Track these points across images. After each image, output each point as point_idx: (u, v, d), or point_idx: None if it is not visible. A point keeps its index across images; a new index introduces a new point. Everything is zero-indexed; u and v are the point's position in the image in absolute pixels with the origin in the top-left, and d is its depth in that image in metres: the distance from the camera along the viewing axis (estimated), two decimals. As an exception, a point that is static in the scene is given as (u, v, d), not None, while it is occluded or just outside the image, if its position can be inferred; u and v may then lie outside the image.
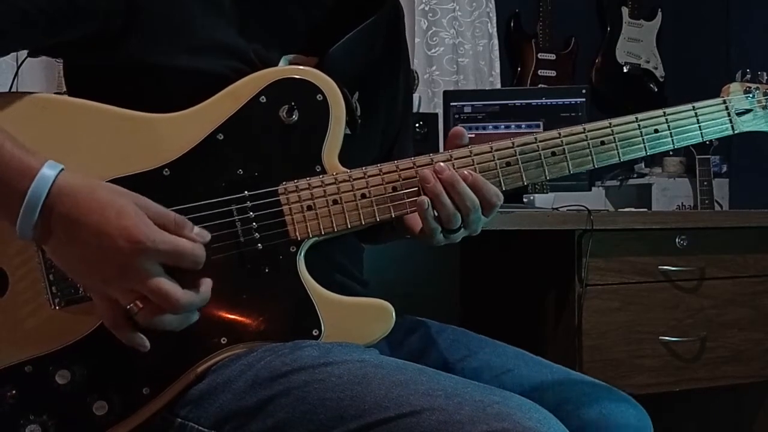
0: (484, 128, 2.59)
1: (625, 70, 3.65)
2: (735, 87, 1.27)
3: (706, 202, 2.90)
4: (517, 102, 2.64)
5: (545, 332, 2.33)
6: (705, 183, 2.90)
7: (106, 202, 0.98)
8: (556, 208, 2.31)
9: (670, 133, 1.21)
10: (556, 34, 3.49)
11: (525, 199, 2.45)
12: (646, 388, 2.29)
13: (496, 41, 3.32)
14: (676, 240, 2.33)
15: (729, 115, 1.25)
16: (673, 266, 2.33)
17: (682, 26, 3.79)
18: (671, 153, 3.31)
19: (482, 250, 2.63)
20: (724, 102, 1.25)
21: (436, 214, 1.13)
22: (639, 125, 1.20)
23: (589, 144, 1.18)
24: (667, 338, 2.31)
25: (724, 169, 3.37)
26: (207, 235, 1.04)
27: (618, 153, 1.19)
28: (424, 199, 1.12)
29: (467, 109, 2.62)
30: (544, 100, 2.63)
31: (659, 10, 3.74)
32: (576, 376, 1.26)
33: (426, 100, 3.12)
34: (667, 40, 3.75)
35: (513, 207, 2.23)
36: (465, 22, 3.24)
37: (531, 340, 2.36)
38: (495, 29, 3.32)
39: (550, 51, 3.47)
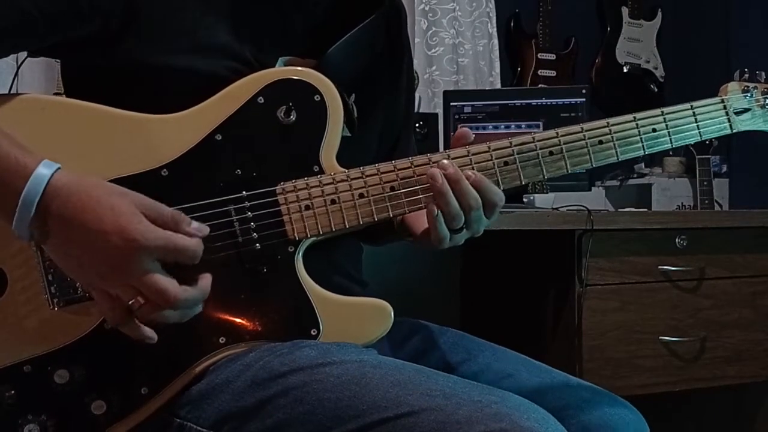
0: (484, 128, 2.60)
1: (625, 70, 3.64)
2: (733, 86, 1.27)
3: (706, 202, 2.90)
4: (517, 102, 2.64)
5: (545, 332, 2.33)
6: (705, 183, 2.90)
7: (100, 200, 0.97)
8: (556, 208, 2.31)
9: (668, 132, 1.21)
10: (556, 34, 3.49)
11: (525, 199, 2.45)
12: (646, 388, 2.29)
13: (496, 41, 3.32)
14: (676, 240, 2.33)
15: (727, 114, 1.25)
16: (673, 266, 2.32)
17: (682, 26, 3.79)
18: (671, 153, 3.30)
19: (482, 250, 2.63)
20: (722, 101, 1.25)
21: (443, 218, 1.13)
22: (637, 124, 1.20)
23: (587, 143, 1.18)
24: (667, 338, 2.31)
25: (724, 169, 3.37)
26: (206, 229, 1.03)
27: (616, 152, 1.19)
28: (433, 207, 1.12)
29: (467, 109, 2.62)
30: (544, 100, 2.63)
31: (659, 10, 3.74)
32: (576, 382, 1.26)
33: (426, 100, 3.13)
34: (667, 40, 3.75)
35: (513, 207, 2.23)
36: (465, 22, 3.24)
37: (531, 340, 2.36)
38: (495, 29, 3.32)
39: (550, 51, 3.47)
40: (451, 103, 2.64)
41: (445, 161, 1.13)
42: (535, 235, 2.21)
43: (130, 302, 0.98)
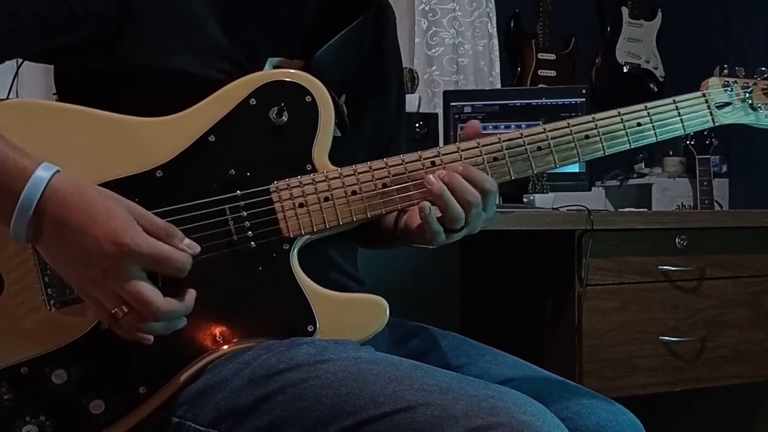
0: (484, 128, 2.58)
1: (625, 70, 3.65)
2: (714, 81, 1.29)
3: (706, 202, 2.90)
4: (517, 102, 2.64)
5: (545, 332, 2.32)
6: (705, 183, 2.90)
7: (95, 203, 0.98)
8: (556, 208, 2.31)
9: (653, 126, 1.23)
10: (556, 34, 3.50)
11: (525, 199, 2.45)
12: (646, 388, 2.29)
13: (496, 41, 3.33)
14: (676, 240, 2.33)
15: (709, 108, 1.26)
16: (673, 266, 2.32)
17: (682, 26, 3.79)
18: (670, 153, 3.31)
19: (482, 250, 2.63)
20: (704, 95, 1.27)
21: (438, 215, 1.13)
22: (622, 119, 1.21)
23: (573, 138, 1.20)
24: (667, 338, 2.31)
25: (724, 169, 3.37)
26: (197, 248, 1.04)
27: (602, 147, 1.20)
28: (425, 204, 1.12)
29: (467, 109, 2.62)
30: (544, 100, 2.63)
31: (659, 10, 3.74)
32: (574, 387, 1.26)
33: (426, 100, 3.13)
34: (667, 40, 3.75)
35: (513, 207, 2.24)
36: (465, 22, 3.25)
37: (531, 340, 2.36)
38: (495, 29, 3.32)
39: (550, 51, 3.47)
40: (451, 103, 2.64)
41: (441, 171, 1.13)
42: (535, 235, 2.21)
43: (113, 311, 0.98)
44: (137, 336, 1.01)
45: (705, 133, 2.89)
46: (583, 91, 2.68)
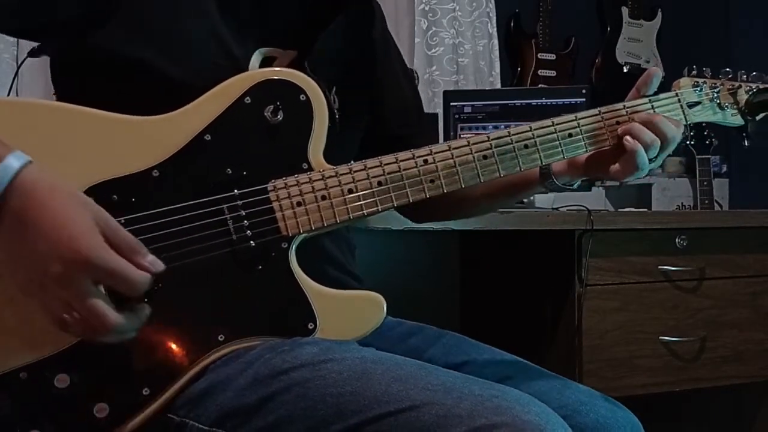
0: (484, 128, 2.59)
1: (625, 70, 3.65)
2: (685, 81, 1.33)
3: (706, 202, 2.90)
4: (517, 102, 2.64)
5: (545, 332, 2.33)
6: (705, 183, 2.90)
7: (62, 206, 0.94)
8: (556, 208, 2.31)
9: None
10: (556, 34, 3.50)
11: (525, 199, 2.45)
12: (646, 388, 2.29)
13: (496, 41, 3.33)
14: (676, 240, 2.33)
15: (682, 107, 1.30)
16: (673, 266, 2.33)
17: (682, 26, 3.79)
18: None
19: (482, 250, 2.63)
20: (677, 95, 1.30)
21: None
22: (602, 118, 1.25)
23: (558, 137, 1.23)
24: (667, 338, 2.31)
25: (724, 169, 3.37)
26: (160, 266, 1.00)
27: (584, 145, 1.24)
28: (634, 142, 1.20)
29: (467, 109, 2.62)
30: (544, 100, 2.63)
31: (659, 10, 3.74)
32: (573, 385, 1.26)
33: (426, 100, 3.13)
34: (667, 40, 3.75)
35: (513, 207, 2.24)
36: (465, 22, 3.25)
37: (531, 340, 2.37)
38: (495, 29, 3.32)
39: (550, 51, 3.47)
40: (451, 103, 2.64)
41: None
42: (535, 235, 2.21)
43: (63, 316, 0.95)
44: (112, 339, 0.98)
45: (705, 132, 2.90)
46: (583, 91, 2.68)
